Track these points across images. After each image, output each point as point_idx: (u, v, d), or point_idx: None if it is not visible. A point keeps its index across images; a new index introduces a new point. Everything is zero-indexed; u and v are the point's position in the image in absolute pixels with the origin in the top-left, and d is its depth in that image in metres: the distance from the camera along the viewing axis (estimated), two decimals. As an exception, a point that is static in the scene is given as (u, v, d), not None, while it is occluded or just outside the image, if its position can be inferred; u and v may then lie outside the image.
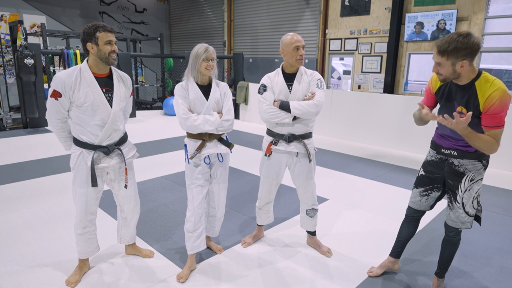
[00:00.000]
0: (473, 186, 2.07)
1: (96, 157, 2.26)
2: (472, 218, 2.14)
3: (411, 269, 2.60)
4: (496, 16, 6.65)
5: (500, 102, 1.84)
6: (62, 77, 2.14)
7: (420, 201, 2.32)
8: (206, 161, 2.45)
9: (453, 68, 1.85)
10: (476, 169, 2.05)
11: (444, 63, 1.85)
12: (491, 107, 1.85)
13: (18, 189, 4.03)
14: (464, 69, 1.85)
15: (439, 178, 2.21)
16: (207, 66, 2.36)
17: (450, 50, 1.80)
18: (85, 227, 2.38)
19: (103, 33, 2.17)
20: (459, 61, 1.82)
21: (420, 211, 2.36)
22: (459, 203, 2.11)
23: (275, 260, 2.72)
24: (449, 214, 2.19)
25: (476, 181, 2.07)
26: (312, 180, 2.71)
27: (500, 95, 1.83)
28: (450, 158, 2.11)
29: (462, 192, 2.09)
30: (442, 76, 1.92)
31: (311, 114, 2.50)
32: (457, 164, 2.09)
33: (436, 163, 2.21)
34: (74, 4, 11.74)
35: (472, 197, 2.09)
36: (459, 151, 2.05)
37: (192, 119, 2.34)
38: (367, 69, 8.41)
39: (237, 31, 11.40)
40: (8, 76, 10.04)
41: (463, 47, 1.79)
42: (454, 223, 2.17)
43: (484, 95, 1.86)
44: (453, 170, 2.11)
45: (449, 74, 1.89)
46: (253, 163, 5.05)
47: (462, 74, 1.89)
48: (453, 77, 1.92)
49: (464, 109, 1.95)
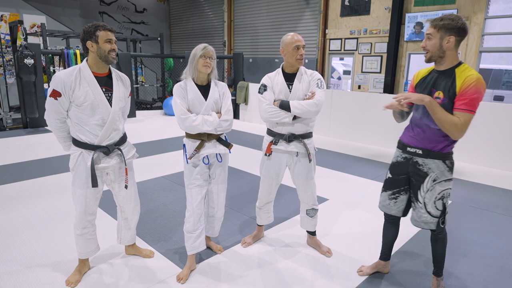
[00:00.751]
0: (435, 186, 2.10)
1: (96, 157, 2.26)
2: (435, 219, 2.15)
3: (412, 269, 2.60)
4: (496, 16, 6.65)
5: (476, 85, 1.92)
6: (62, 76, 2.14)
7: (389, 205, 2.33)
8: (204, 161, 2.45)
9: (440, 42, 1.99)
10: (440, 170, 2.09)
11: (434, 35, 2.00)
12: (466, 89, 1.93)
13: (18, 189, 4.03)
14: (449, 45, 1.98)
15: (405, 179, 2.24)
16: (204, 63, 2.35)
17: (442, 24, 1.98)
18: (84, 227, 2.37)
19: (103, 31, 2.18)
20: (446, 36, 1.97)
21: (392, 216, 2.38)
22: (420, 202, 2.15)
23: (275, 260, 2.72)
24: (413, 214, 2.23)
25: (439, 182, 2.09)
26: (312, 180, 2.71)
27: (477, 79, 1.93)
28: (415, 157, 2.15)
29: (424, 192, 2.13)
30: (429, 53, 2.04)
31: (311, 114, 2.50)
32: (421, 164, 2.13)
33: (401, 164, 2.24)
34: (74, 4, 11.74)
35: (434, 198, 2.12)
36: (424, 149, 2.10)
37: (190, 119, 2.33)
38: (367, 69, 8.41)
39: (237, 31, 11.40)
40: (8, 76, 10.03)
41: (453, 24, 1.96)
42: (417, 222, 2.21)
43: (462, 78, 1.96)
44: (417, 170, 2.15)
45: (436, 49, 2.01)
46: (253, 163, 5.05)
47: (446, 54, 2.01)
48: (438, 54, 2.02)
49: (441, 93, 2.03)
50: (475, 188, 4.37)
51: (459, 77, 1.97)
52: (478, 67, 6.89)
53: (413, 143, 2.16)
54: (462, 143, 5.43)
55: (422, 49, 2.08)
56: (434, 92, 2.05)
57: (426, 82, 2.13)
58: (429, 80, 2.11)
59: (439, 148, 2.07)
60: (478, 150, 5.33)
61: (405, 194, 2.27)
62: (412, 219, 2.23)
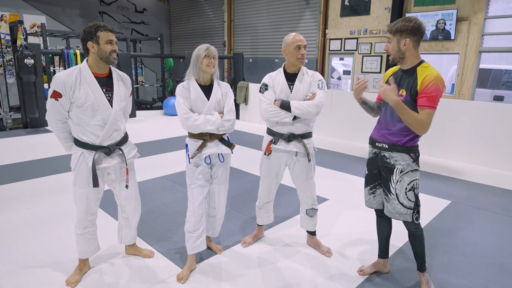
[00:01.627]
0: (404, 177, 2.20)
1: (97, 157, 2.26)
2: (410, 210, 2.24)
3: (412, 268, 2.60)
4: (496, 16, 6.65)
5: (435, 83, 2.03)
6: (62, 77, 2.14)
7: (369, 200, 2.46)
8: (206, 161, 2.45)
9: (398, 45, 2.13)
10: (405, 161, 2.20)
11: (392, 39, 2.15)
12: (426, 87, 2.04)
13: (18, 189, 4.03)
14: (406, 47, 2.11)
15: (377, 174, 2.36)
16: (209, 63, 2.36)
17: (395, 27, 2.12)
18: (85, 227, 2.38)
19: (104, 32, 2.17)
20: (402, 39, 2.10)
21: (379, 210, 2.47)
22: (393, 194, 2.25)
23: (275, 260, 2.72)
24: (387, 206, 2.31)
25: (406, 172, 2.20)
26: (312, 180, 2.71)
27: (436, 77, 2.04)
28: (382, 151, 2.27)
29: (394, 183, 2.23)
30: (391, 55, 2.19)
31: (311, 114, 2.50)
32: (388, 157, 2.25)
33: (372, 159, 2.37)
34: (74, 4, 11.74)
35: (404, 188, 2.21)
36: (390, 144, 2.22)
37: (193, 119, 2.34)
38: (367, 69, 8.41)
39: (237, 31, 11.40)
40: (8, 76, 10.03)
41: (406, 26, 2.09)
42: (392, 214, 2.29)
43: (422, 76, 2.08)
44: (384, 163, 2.26)
45: (395, 51, 2.16)
46: (253, 163, 5.05)
47: (406, 55, 2.14)
48: (399, 56, 2.16)
49: (404, 91, 2.15)
50: (475, 188, 4.37)
51: (420, 76, 2.09)
52: (478, 67, 6.89)
53: (380, 138, 2.28)
54: (462, 143, 5.46)
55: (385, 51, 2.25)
56: (398, 90, 2.17)
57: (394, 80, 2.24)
58: (396, 78, 2.23)
59: (403, 142, 2.19)
60: (478, 150, 5.34)
61: (380, 187, 2.38)
62: (387, 211, 2.32)
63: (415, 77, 2.11)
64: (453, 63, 7.48)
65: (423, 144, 5.76)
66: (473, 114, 5.34)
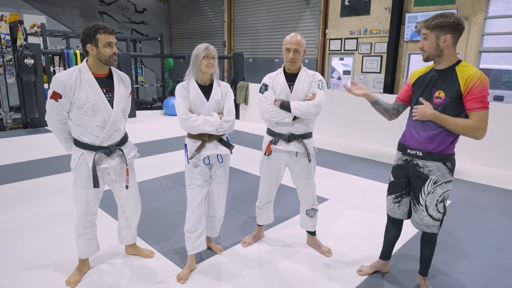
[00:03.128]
0: (437, 189, 2.08)
1: (97, 158, 2.26)
2: (438, 222, 2.14)
3: (412, 268, 2.60)
4: (496, 16, 6.65)
5: (481, 82, 1.89)
6: (62, 78, 2.13)
7: (393, 209, 2.33)
8: (205, 162, 2.45)
9: (436, 41, 1.97)
10: (440, 172, 2.06)
11: (429, 35, 1.98)
12: (472, 87, 1.90)
13: (18, 189, 4.03)
14: (446, 44, 1.96)
15: (406, 182, 2.23)
16: (208, 64, 2.35)
17: (435, 23, 1.96)
18: (85, 227, 2.38)
19: (104, 35, 2.15)
20: (442, 35, 1.95)
21: (398, 219, 2.37)
22: (422, 205, 2.13)
23: (275, 260, 2.72)
24: (414, 216, 2.21)
25: (440, 184, 2.07)
26: (312, 180, 2.71)
27: (480, 75, 1.90)
28: (415, 159, 2.13)
29: (425, 194, 2.11)
30: (426, 53, 2.03)
31: (311, 115, 2.50)
32: (421, 166, 2.10)
33: (402, 167, 2.23)
34: (74, 4, 11.74)
35: (435, 200, 2.10)
36: (424, 151, 2.07)
37: (192, 119, 2.33)
38: (367, 69, 8.41)
39: (237, 31, 11.40)
40: (8, 76, 10.03)
41: (446, 21, 1.94)
42: (418, 225, 2.19)
43: (464, 76, 1.93)
44: (417, 172, 2.13)
45: (433, 49, 1.99)
46: (253, 163, 5.05)
47: (445, 53, 1.98)
48: (435, 54, 2.00)
49: (442, 92, 2.00)
50: (475, 188, 4.37)
51: (461, 76, 1.94)
52: (478, 67, 6.89)
53: (413, 144, 2.13)
54: (462, 143, 5.44)
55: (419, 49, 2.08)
56: (435, 92, 2.03)
57: (425, 81, 2.10)
58: (429, 79, 2.08)
59: (440, 150, 2.04)
60: (478, 150, 5.33)
61: (407, 196, 2.27)
62: (414, 222, 2.23)
63: (455, 78, 1.95)
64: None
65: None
66: (473, 114, 5.34)
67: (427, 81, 2.09)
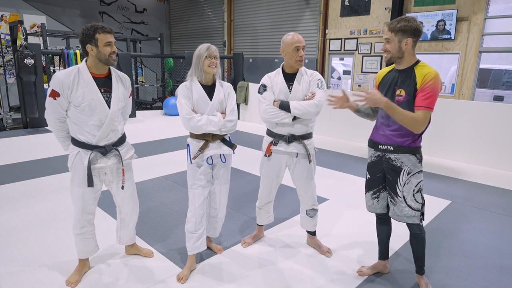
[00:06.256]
0: (411, 179, 2.19)
1: (93, 157, 2.26)
2: (417, 212, 2.23)
3: (412, 269, 2.60)
4: (496, 16, 6.64)
5: (434, 82, 2.04)
6: (60, 77, 2.15)
7: (373, 204, 2.42)
8: (208, 162, 2.45)
9: (399, 44, 2.11)
10: (411, 162, 2.19)
11: (393, 38, 2.12)
12: (425, 86, 2.05)
13: (18, 189, 4.03)
14: (407, 47, 2.10)
15: (381, 177, 2.33)
16: (210, 64, 2.36)
17: (398, 27, 2.09)
18: (83, 227, 2.37)
19: (103, 34, 2.16)
20: (404, 38, 2.09)
21: (380, 214, 2.44)
22: (400, 197, 2.23)
23: (275, 260, 2.72)
24: (393, 209, 2.28)
25: (413, 174, 2.19)
26: (312, 181, 2.71)
27: (435, 76, 2.05)
28: (387, 154, 2.24)
29: (402, 185, 2.21)
30: (389, 54, 2.16)
31: (311, 114, 2.49)
32: (394, 159, 2.22)
33: (375, 163, 2.33)
34: (74, 4, 11.74)
35: (412, 190, 2.20)
36: (395, 145, 2.20)
37: (195, 119, 2.33)
38: (367, 69, 8.41)
39: (237, 31, 11.40)
40: (8, 76, 10.03)
41: (409, 26, 2.08)
42: (399, 217, 2.27)
43: (421, 75, 2.08)
44: (390, 166, 2.24)
45: (395, 51, 2.13)
46: (253, 163, 5.05)
47: (405, 55, 2.13)
48: (398, 55, 2.14)
49: (403, 91, 2.14)
50: (475, 188, 4.37)
51: (419, 74, 2.09)
52: (478, 67, 6.89)
53: (383, 140, 2.25)
54: (462, 143, 5.46)
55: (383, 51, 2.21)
56: (396, 90, 2.17)
57: (388, 81, 2.24)
58: (391, 79, 2.22)
59: (408, 143, 2.17)
60: (478, 150, 5.33)
61: (384, 190, 2.35)
62: (394, 215, 2.29)
63: (414, 76, 2.11)
64: (453, 63, 7.48)
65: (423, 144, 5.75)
66: (473, 114, 5.34)
67: (389, 80, 2.23)
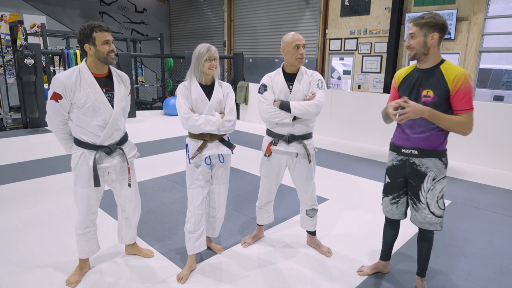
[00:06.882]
0: (436, 185, 2.11)
1: (98, 157, 2.26)
2: (440, 219, 2.15)
3: (412, 269, 2.60)
4: (496, 16, 6.64)
5: (467, 81, 1.96)
6: (62, 79, 2.13)
7: (391, 210, 2.34)
8: (206, 162, 2.45)
9: (424, 39, 2.01)
10: (437, 168, 2.09)
11: (418, 33, 2.03)
12: (459, 86, 1.96)
13: (18, 189, 4.03)
14: (433, 42, 2.01)
15: (402, 182, 2.23)
16: (210, 66, 2.35)
17: (424, 22, 2.01)
18: (86, 227, 2.38)
19: (100, 33, 2.16)
20: (430, 33, 2.00)
21: (396, 220, 2.38)
22: (423, 203, 2.14)
23: (275, 260, 2.72)
24: (415, 215, 2.20)
25: (439, 180, 2.11)
26: (312, 181, 2.71)
27: (465, 75, 1.96)
28: (411, 158, 2.14)
29: (425, 192, 2.12)
30: (414, 50, 2.06)
31: (311, 114, 2.49)
32: (418, 164, 2.12)
33: (397, 167, 2.23)
34: (74, 4, 11.73)
35: (436, 197, 2.12)
36: (420, 150, 2.10)
37: (193, 119, 2.33)
38: (367, 69, 8.41)
39: (237, 31, 11.40)
40: (8, 76, 10.03)
41: (435, 21, 2.01)
42: (422, 224, 2.19)
43: (451, 75, 1.99)
44: (414, 171, 2.14)
45: (420, 46, 2.03)
46: (253, 163, 5.05)
47: (431, 51, 2.03)
48: (422, 52, 2.04)
49: (430, 91, 2.04)
50: (475, 188, 4.37)
51: (447, 75, 2.00)
52: (478, 67, 6.89)
53: (407, 144, 2.15)
54: (462, 143, 5.45)
55: (406, 48, 2.12)
56: (422, 91, 2.07)
57: (410, 82, 2.13)
58: (414, 79, 2.12)
59: (434, 146, 2.08)
60: (478, 150, 5.33)
61: (404, 196, 2.28)
62: (416, 221, 2.21)
63: (441, 76, 2.00)
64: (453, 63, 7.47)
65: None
66: (473, 114, 5.34)
67: (413, 81, 2.12)
